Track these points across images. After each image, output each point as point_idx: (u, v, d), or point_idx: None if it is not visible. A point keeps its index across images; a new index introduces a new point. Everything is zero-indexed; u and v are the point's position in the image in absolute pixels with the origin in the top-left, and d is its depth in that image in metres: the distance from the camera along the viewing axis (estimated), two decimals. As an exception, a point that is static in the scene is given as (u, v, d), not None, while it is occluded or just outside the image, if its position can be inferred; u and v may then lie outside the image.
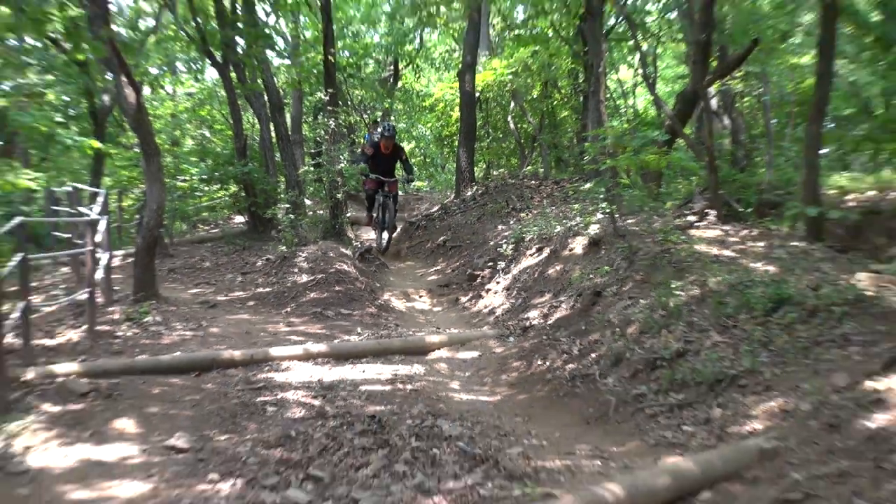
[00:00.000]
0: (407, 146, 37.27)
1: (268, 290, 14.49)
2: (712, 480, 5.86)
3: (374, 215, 18.17)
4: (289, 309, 13.22)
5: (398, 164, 18.13)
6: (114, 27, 13.45)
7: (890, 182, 14.35)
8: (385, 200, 17.56)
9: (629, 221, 12.99)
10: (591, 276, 11.59)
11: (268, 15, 25.22)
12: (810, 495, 5.34)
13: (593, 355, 9.39)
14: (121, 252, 17.43)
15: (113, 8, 16.90)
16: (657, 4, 25.18)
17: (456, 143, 24.70)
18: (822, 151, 15.79)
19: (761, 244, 11.52)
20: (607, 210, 13.11)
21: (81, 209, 13.80)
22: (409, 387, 8.90)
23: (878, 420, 5.94)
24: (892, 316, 7.80)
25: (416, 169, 27.38)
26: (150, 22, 25.35)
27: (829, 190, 14.23)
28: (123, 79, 12.56)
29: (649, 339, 8.98)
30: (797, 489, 5.43)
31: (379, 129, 17.35)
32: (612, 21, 22.58)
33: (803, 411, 6.50)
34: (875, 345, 7.21)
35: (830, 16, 12.82)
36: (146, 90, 24.25)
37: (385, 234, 18.35)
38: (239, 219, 21.75)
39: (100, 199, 13.90)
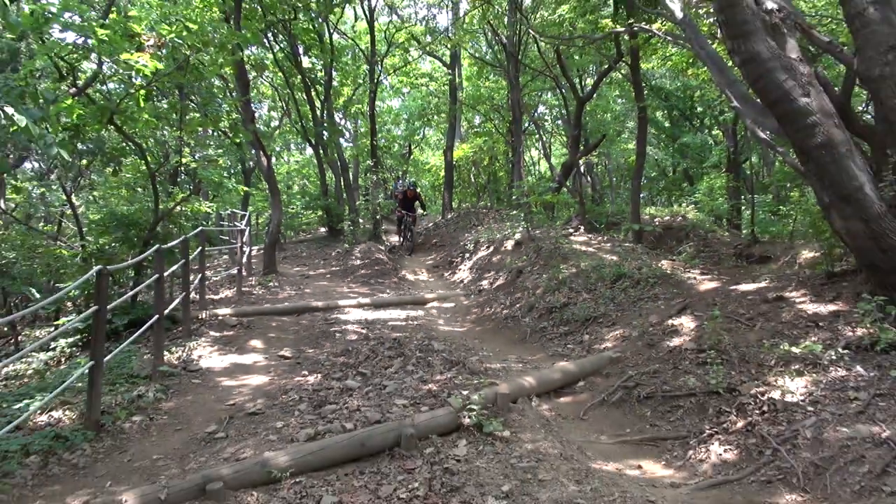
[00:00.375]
0: (418, 190, 37.06)
1: (338, 268, 14.31)
2: (584, 375, 5.79)
3: (401, 230, 17.50)
4: (349, 279, 13.07)
5: (417, 204, 17.68)
6: (256, 125, 13.34)
7: (677, 212, 14.27)
8: (409, 224, 16.89)
9: (537, 232, 12.83)
10: (516, 261, 11.45)
11: (341, 119, 25.37)
12: (639, 384, 5.28)
13: (517, 306, 9.27)
14: (256, 247, 17.28)
15: (256, 114, 16.78)
16: (552, 114, 25.26)
17: (442, 188, 24.59)
18: (641, 195, 15.74)
19: (608, 245, 11.43)
20: (525, 225, 12.98)
21: (236, 223, 13.63)
22: (415, 323, 8.79)
23: (674, 342, 5.88)
24: (681, 284, 7.76)
25: (427, 204, 27.52)
26: (276, 122, 25.14)
27: (645, 215, 14.14)
28: (261, 152, 12.80)
29: (548, 297, 8.84)
30: (631, 380, 5.37)
31: (401, 184, 16.85)
32: (526, 124, 22.36)
33: (634, 336, 6.43)
34: (672, 300, 7.16)
35: (643, 123, 12.77)
36: (273, 159, 24.21)
37: (407, 243, 17.21)
38: (322, 229, 21.51)
39: (245, 218, 13.92)
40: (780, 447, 3.86)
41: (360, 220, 19.07)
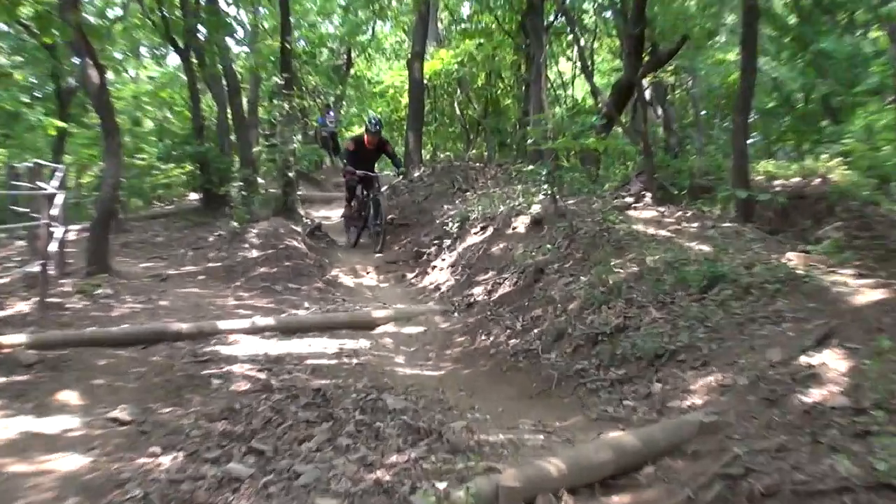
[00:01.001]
0: (358, 130, 37.14)
1: (218, 264, 14.25)
2: (654, 455, 5.69)
3: (354, 210, 17.29)
4: (238, 283, 13.00)
5: (383, 162, 18.19)
6: (81, 13, 13.16)
7: (813, 170, 14.30)
8: (376, 198, 16.12)
9: (570, 202, 12.83)
10: (533, 253, 11.43)
11: (229, 5, 25.23)
12: (751, 470, 5.17)
13: (535, 331, 9.24)
14: (77, 227, 17.13)
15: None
16: (594, 3, 25.21)
17: (405, 127, 24.60)
18: (749, 140, 15.76)
19: (695, 225, 11.42)
20: (549, 191, 12.97)
21: (40, 184, 13.41)
22: (354, 361, 8.72)
23: (814, 395, 5.81)
24: (822, 293, 7.70)
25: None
26: (118, 10, 24.92)
27: (757, 175, 14.15)
28: (88, 61, 12.58)
29: (590, 315, 8.81)
30: (738, 464, 5.26)
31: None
32: (552, 17, 22.36)
33: (741, 386, 6.36)
34: (807, 321, 7.11)
35: (752, 17, 12.78)
36: (110, 74, 24.01)
37: (372, 233, 16.72)
38: (193, 196, 21.48)
39: (58, 175, 13.55)
40: None
41: (260, 181, 18.95)
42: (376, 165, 17.85)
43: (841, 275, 8.50)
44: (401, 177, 18.90)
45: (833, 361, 6.17)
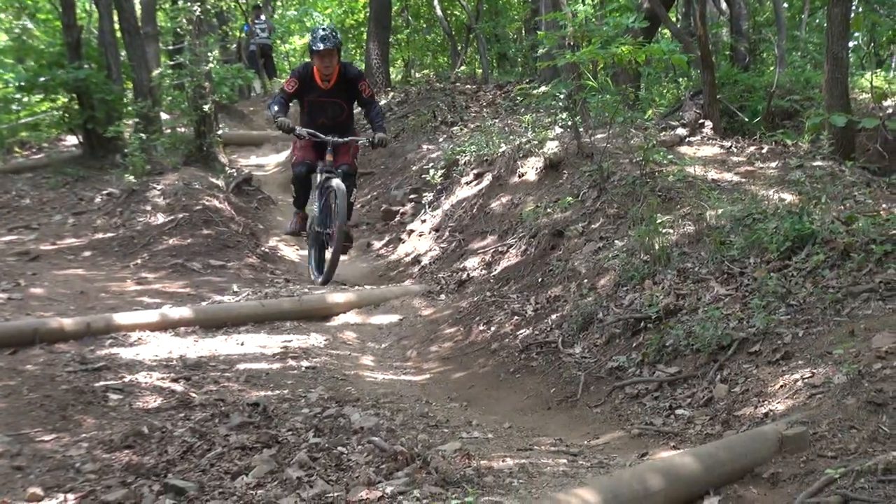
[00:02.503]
0: (299, 41, 37.00)
1: (110, 235, 14.30)
2: (718, 481, 5.82)
3: (307, 213, 12.91)
4: (139, 261, 13.05)
5: (355, 109, 13.04)
6: None
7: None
8: (328, 181, 11.94)
9: (599, 137, 12.95)
10: (548, 210, 11.53)
11: None
12: (850, 498, 5.31)
13: (554, 317, 9.35)
14: None
15: None
16: None
17: (364, 35, 24.63)
18: (850, 43, 15.83)
19: (774, 165, 11.55)
20: (569, 122, 13.06)
21: None
22: (304, 364, 8.84)
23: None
24: (951, 257, 7.83)
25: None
26: None
27: (860, 93, 14.27)
28: None
29: (628, 294, 8.96)
30: (832, 490, 5.40)
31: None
32: None
33: (837, 385, 6.49)
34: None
35: None
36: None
37: (323, 236, 12.46)
38: (71, 140, 21.42)
39: None
40: None
41: (164, 117, 18.97)
42: (350, 122, 13.08)
43: (978, 230, 8.64)
44: (374, 147, 13.32)
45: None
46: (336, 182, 11.80)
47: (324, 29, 11.95)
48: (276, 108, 11.98)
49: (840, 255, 8.20)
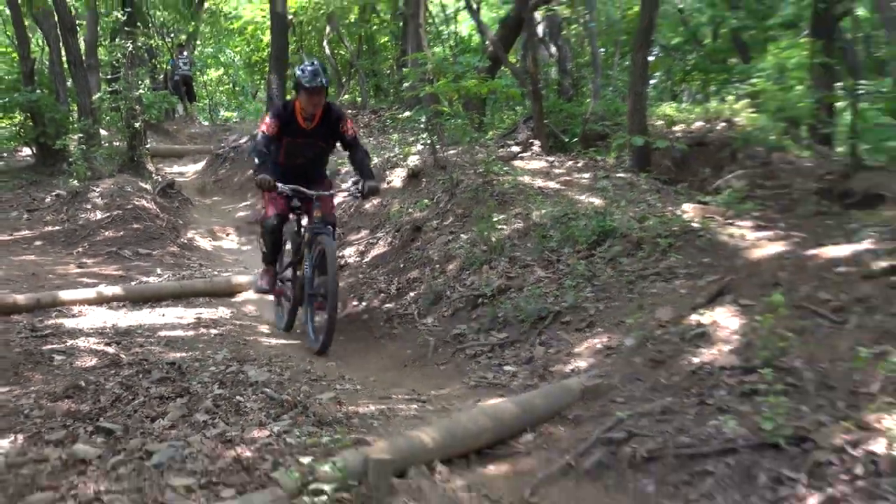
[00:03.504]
0: (215, 73, 36.59)
1: (57, 228, 14.09)
2: (533, 421, 5.94)
3: (280, 270, 9.96)
4: (81, 249, 12.89)
5: (333, 154, 10.37)
6: None
7: (717, 113, 14.72)
8: (317, 238, 9.01)
9: (451, 152, 13.04)
10: (410, 210, 11.61)
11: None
12: (634, 434, 5.46)
13: (412, 294, 9.45)
14: None
15: None
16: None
17: (267, 69, 24.46)
18: (650, 81, 16.13)
19: (587, 175, 11.73)
20: (427, 140, 13.13)
21: None
22: (213, 331, 8.81)
23: (703, 355, 6.14)
24: (718, 248, 8.06)
25: (247, 104, 26.20)
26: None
27: (656, 120, 14.52)
28: None
29: (470, 276, 9.09)
30: (620, 428, 5.54)
31: (297, 71, 8.98)
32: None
33: (627, 347, 6.67)
34: (700, 277, 7.46)
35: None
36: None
37: (318, 315, 9.24)
38: (26, 151, 21.01)
39: None
40: (882, 539, 4.13)
41: (103, 133, 18.73)
42: (324, 169, 9.99)
43: (739, 227, 8.85)
44: (364, 198, 9.96)
45: (725, 319, 6.52)
46: (327, 240, 8.75)
47: (313, 65, 8.79)
48: (257, 159, 8.76)
49: (634, 246, 8.41)
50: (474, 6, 21.11)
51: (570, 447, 5.59)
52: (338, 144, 9.41)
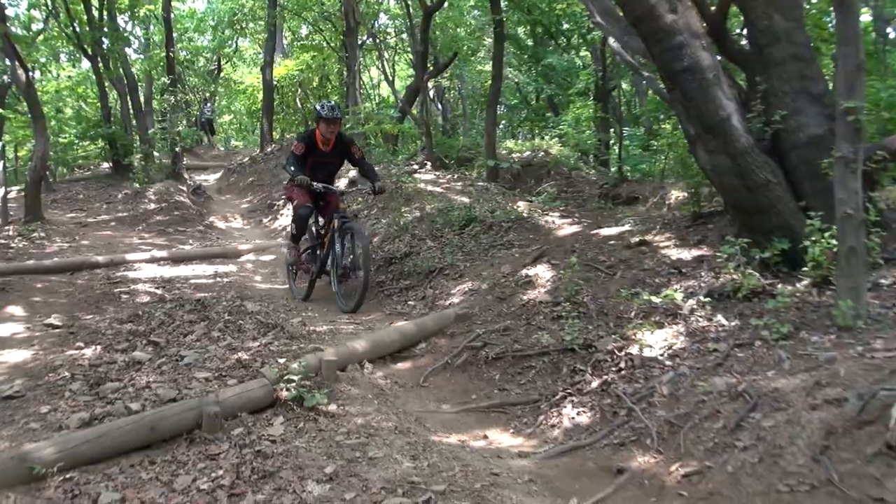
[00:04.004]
0: (227, 118, 35.86)
1: (125, 214, 13.70)
2: (426, 335, 5.97)
3: (304, 250, 8.58)
4: (140, 227, 12.59)
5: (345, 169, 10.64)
6: (9, 25, 12.38)
7: (539, 146, 14.81)
8: (346, 225, 7.87)
9: (376, 168, 12.86)
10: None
11: (126, 22, 23.97)
12: (487, 343, 5.52)
13: (352, 257, 9.34)
14: (16, 187, 16.14)
15: (9, 12, 15.60)
16: (396, 26, 25.20)
17: (261, 115, 24.01)
18: (498, 126, 16.22)
19: (459, 184, 11.73)
20: (361, 161, 13.03)
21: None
22: (225, 280, 8.69)
23: (529, 294, 6.20)
24: (538, 228, 8.17)
25: (244, 134, 25.84)
26: (40, 24, 23.29)
27: (502, 150, 14.56)
28: (16, 63, 11.88)
29: (387, 245, 9.07)
30: (479, 339, 5.60)
31: (318, 106, 8.23)
32: (364, 37, 22.15)
33: (484, 289, 6.69)
34: (528, 247, 7.53)
35: (500, 40, 13.16)
36: (36, 73, 22.56)
37: (343, 284, 7.87)
38: (105, 165, 20.37)
39: (-2, 150, 12.93)
40: (634, 406, 4.20)
41: (155, 154, 18.25)
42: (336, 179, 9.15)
43: (551, 216, 8.96)
44: (377, 194, 8.72)
45: (542, 272, 6.58)
46: (356, 224, 8.10)
47: (330, 102, 8.19)
48: (292, 167, 7.80)
49: (488, 227, 8.42)
50: (391, 78, 21.05)
51: (447, 352, 5.62)
52: (345, 163, 8.52)
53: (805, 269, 4.98)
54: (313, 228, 8.39)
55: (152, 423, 3.89)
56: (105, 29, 17.90)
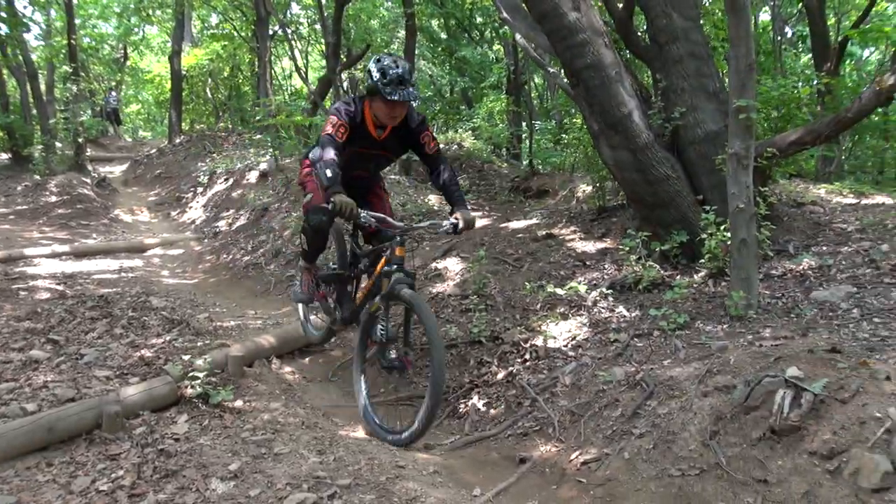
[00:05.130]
0: (134, 107, 34.87)
1: (24, 207, 13.21)
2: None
3: (333, 284, 5.09)
4: (41, 221, 12.15)
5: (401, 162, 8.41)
6: None
7: (453, 139, 14.89)
8: (398, 286, 4.33)
9: (287, 161, 12.75)
10: (260, 197, 11.35)
11: (25, 7, 23.15)
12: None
13: (261, 251, 9.28)
14: None
15: None
16: (308, 16, 24.93)
17: (169, 105, 23.44)
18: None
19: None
20: (273, 153, 12.85)
21: None
22: (130, 275, 8.51)
23: (438, 287, 6.28)
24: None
25: (154, 125, 25.04)
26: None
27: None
28: None
29: (297, 239, 8.89)
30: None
31: (374, 67, 4.15)
32: (276, 27, 21.86)
33: (393, 283, 6.72)
34: (439, 240, 7.56)
35: (411, 32, 13.19)
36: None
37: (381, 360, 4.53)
38: (3, 156, 19.55)
39: None
40: (538, 397, 4.31)
41: (58, 145, 17.64)
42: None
43: (463, 209, 9.05)
44: (456, 234, 4.56)
45: (452, 265, 6.66)
46: (421, 305, 4.34)
47: (397, 63, 4.21)
48: (329, 172, 4.10)
49: (399, 220, 8.47)
50: (303, 71, 20.82)
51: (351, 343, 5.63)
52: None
53: (702, 261, 5.18)
54: (346, 243, 5.14)
55: (49, 423, 3.80)
56: (2, 14, 17.19)
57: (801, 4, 12.56)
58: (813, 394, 3.01)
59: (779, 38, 14.80)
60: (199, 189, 14.32)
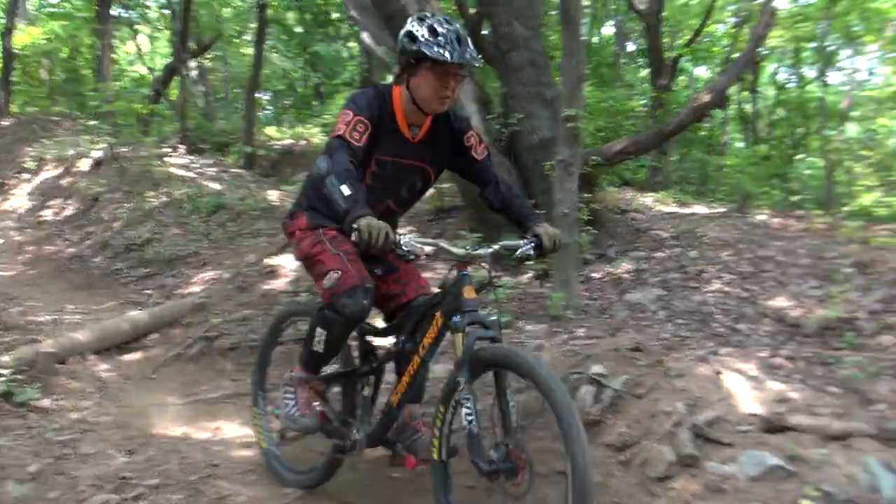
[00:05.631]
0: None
1: None
2: (160, 325, 5.83)
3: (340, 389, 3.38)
4: None
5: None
6: None
7: (301, 135, 14.80)
8: (486, 354, 2.62)
9: (123, 149, 12.18)
10: (92, 186, 10.82)
11: None
12: (223, 333, 5.48)
13: (88, 242, 8.89)
14: None
15: None
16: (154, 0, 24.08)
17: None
18: (264, 112, 15.94)
19: (214, 170, 11.45)
20: (110, 141, 12.29)
21: None
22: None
23: (271, 284, 6.25)
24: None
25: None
26: None
27: (262, 137, 14.37)
28: None
29: (129, 231, 8.64)
30: (214, 329, 5.55)
31: (416, 27, 2.68)
32: (120, 10, 20.97)
33: (226, 278, 6.65)
34: (276, 236, 7.49)
35: (262, 23, 13.04)
36: None
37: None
38: None
39: None
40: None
41: None
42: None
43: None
44: (541, 257, 2.93)
45: (286, 262, 6.63)
46: (552, 379, 2.42)
47: (448, 20, 2.74)
48: (347, 190, 2.45)
49: (237, 215, 8.38)
50: (144, 56, 20.13)
51: (182, 342, 5.53)
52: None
53: (529, 263, 5.37)
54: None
55: None
56: None
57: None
58: (613, 390, 3.19)
59: (619, 51, 15.54)
60: (26, 176, 13.48)
